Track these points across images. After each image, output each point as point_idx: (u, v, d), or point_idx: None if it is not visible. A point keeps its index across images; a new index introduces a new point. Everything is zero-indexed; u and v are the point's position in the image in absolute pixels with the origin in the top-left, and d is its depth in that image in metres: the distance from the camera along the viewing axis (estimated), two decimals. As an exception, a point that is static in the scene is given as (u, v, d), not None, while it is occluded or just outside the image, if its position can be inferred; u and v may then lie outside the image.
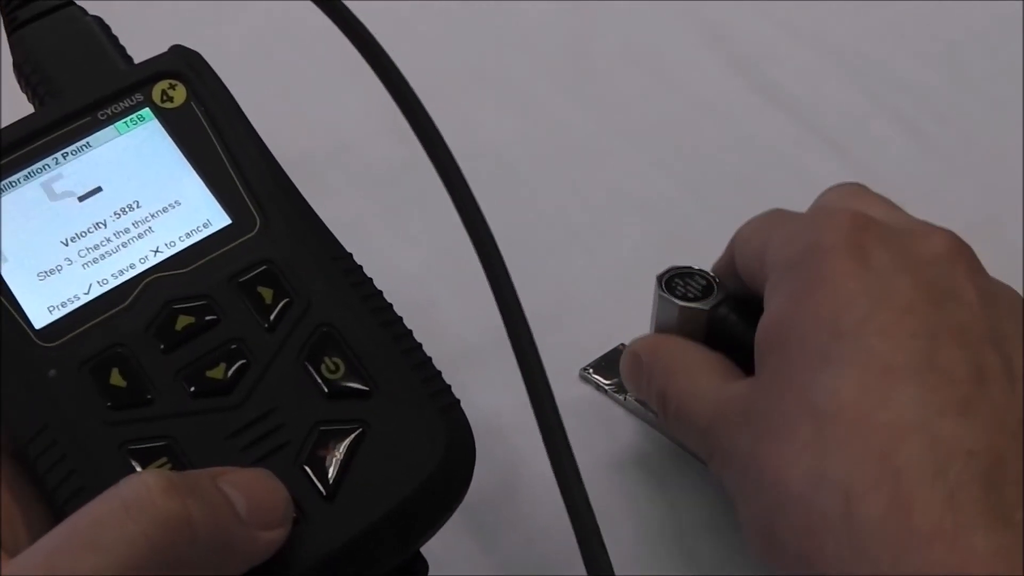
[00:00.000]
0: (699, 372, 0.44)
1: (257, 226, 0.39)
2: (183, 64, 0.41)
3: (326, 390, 0.37)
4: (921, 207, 0.55)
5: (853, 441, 0.37)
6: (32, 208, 0.39)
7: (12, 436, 0.36)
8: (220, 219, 0.39)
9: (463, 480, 0.37)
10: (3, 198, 0.39)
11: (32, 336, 0.37)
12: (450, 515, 0.37)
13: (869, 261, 0.40)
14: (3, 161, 0.39)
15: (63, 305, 0.38)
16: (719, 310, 0.45)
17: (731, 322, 0.45)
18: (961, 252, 0.41)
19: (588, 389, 0.50)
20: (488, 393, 0.48)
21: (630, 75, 0.63)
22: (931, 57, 0.63)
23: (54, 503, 0.35)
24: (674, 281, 0.46)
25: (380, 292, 0.39)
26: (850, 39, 0.64)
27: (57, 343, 0.37)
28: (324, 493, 0.36)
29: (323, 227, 0.40)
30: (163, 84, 0.41)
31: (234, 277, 0.38)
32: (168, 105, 0.40)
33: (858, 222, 0.41)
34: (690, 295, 0.45)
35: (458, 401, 0.38)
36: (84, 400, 0.36)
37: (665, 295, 0.45)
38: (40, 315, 0.37)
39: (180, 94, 0.41)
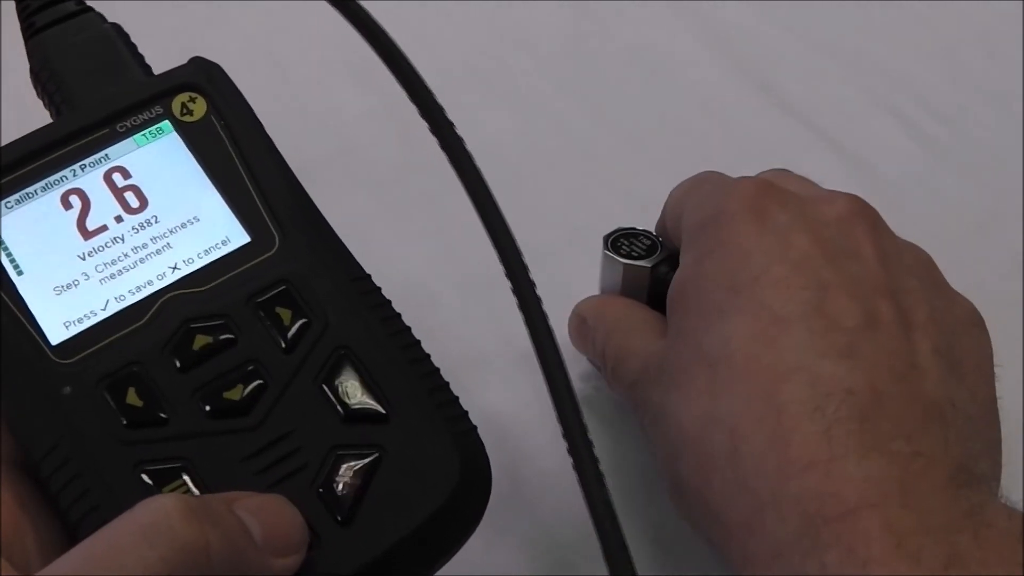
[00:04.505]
0: (634, 331, 0.45)
1: (276, 244, 0.39)
2: (203, 77, 0.40)
3: (343, 414, 0.37)
4: (921, 206, 0.56)
5: (740, 383, 0.39)
6: (49, 221, 0.38)
7: (26, 452, 0.36)
8: (239, 237, 0.39)
9: (478, 507, 0.37)
10: (20, 209, 0.39)
11: (48, 352, 0.37)
12: (465, 541, 0.37)
13: (767, 223, 0.41)
14: (20, 172, 0.39)
15: (79, 321, 0.37)
16: (660, 268, 0.47)
17: (671, 279, 0.46)
18: (862, 214, 0.42)
19: (586, 388, 0.50)
20: (490, 394, 0.48)
21: (631, 74, 0.63)
22: (932, 57, 0.63)
23: (67, 520, 0.35)
24: (620, 241, 0.48)
25: (398, 315, 0.39)
26: (850, 38, 0.64)
27: (73, 360, 0.37)
28: (340, 518, 0.36)
29: (342, 246, 0.40)
30: (183, 97, 0.40)
31: (252, 297, 0.38)
32: (188, 118, 0.40)
33: (761, 188, 0.42)
34: (634, 254, 0.47)
35: (475, 427, 0.38)
36: (99, 418, 0.36)
37: (610, 253, 0.48)
38: (56, 331, 0.37)
39: (200, 107, 0.40)
